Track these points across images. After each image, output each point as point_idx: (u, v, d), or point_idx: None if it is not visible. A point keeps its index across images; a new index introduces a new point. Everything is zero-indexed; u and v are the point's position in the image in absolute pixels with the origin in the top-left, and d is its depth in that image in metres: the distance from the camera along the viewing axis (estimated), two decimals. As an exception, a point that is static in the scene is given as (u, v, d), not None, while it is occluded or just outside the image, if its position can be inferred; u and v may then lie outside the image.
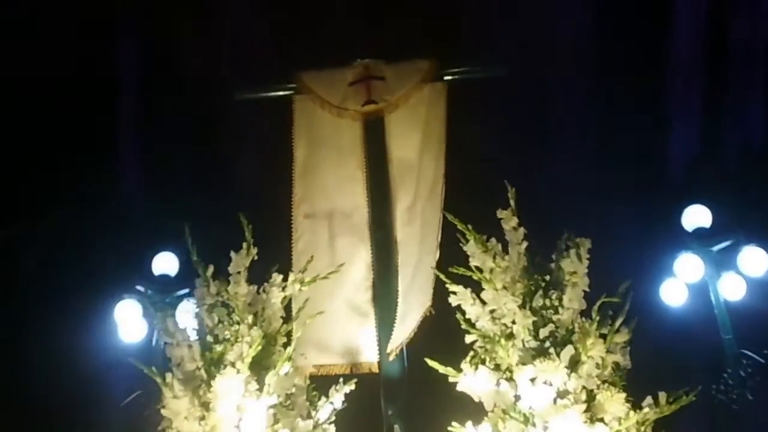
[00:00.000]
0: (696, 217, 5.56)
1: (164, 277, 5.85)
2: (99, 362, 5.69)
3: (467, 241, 4.30)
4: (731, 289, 5.29)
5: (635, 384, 4.09)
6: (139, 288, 5.75)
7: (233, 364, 4.06)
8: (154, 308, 5.50)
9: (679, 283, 5.47)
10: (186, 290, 5.63)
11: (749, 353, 5.03)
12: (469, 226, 4.29)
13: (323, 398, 4.28)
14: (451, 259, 4.59)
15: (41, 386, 5.81)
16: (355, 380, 4.33)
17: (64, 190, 6.29)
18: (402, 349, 4.84)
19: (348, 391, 4.29)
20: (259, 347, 4.11)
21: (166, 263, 5.91)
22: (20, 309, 5.95)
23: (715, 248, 5.41)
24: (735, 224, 5.43)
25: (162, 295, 5.70)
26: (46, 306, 6.00)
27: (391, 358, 4.79)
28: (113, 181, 6.61)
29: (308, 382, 4.38)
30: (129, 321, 5.65)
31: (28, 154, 6.28)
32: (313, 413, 4.24)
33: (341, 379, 4.34)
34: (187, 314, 4.64)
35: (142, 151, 6.78)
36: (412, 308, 4.87)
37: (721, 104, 6.40)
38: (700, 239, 5.45)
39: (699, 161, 6.34)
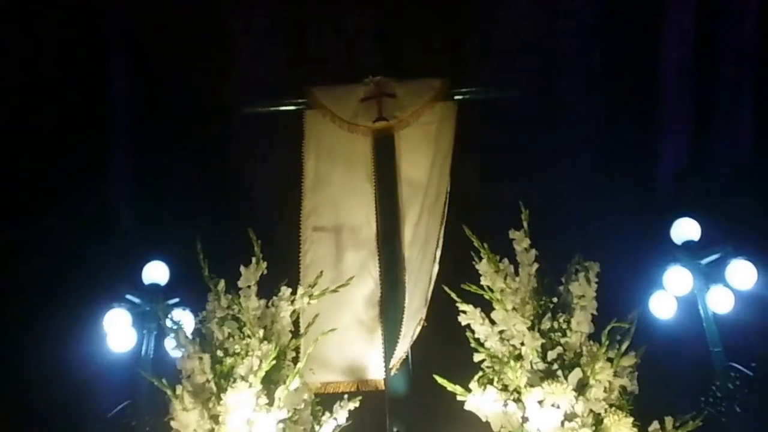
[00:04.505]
0: (685, 230, 5.58)
1: (154, 286, 5.79)
2: (88, 372, 5.66)
3: (480, 258, 4.34)
4: (720, 302, 5.31)
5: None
6: (129, 297, 5.71)
7: (244, 378, 4.08)
8: (143, 317, 5.52)
9: (668, 295, 5.49)
10: (176, 299, 5.60)
11: (737, 366, 5.05)
12: (485, 245, 4.32)
13: (327, 414, 4.30)
14: (452, 273, 4.64)
15: (29, 395, 5.76)
16: (360, 397, 4.34)
17: (54, 200, 6.27)
18: (408, 366, 4.86)
19: (352, 408, 4.29)
20: (273, 362, 4.14)
21: (156, 272, 5.85)
22: (9, 317, 5.91)
23: (704, 261, 5.43)
24: (724, 237, 5.46)
25: (152, 304, 5.66)
26: (34, 315, 5.95)
27: (393, 372, 4.80)
28: (103, 191, 6.58)
29: (313, 397, 4.40)
30: (118, 330, 5.61)
31: (18, 164, 6.25)
32: (317, 428, 4.26)
33: (346, 396, 4.35)
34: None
35: (132, 161, 6.77)
36: (412, 322, 4.90)
37: (710, 119, 6.47)
38: (689, 252, 5.47)
39: (688, 175, 6.39)
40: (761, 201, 6.00)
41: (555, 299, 4.20)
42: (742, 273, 5.36)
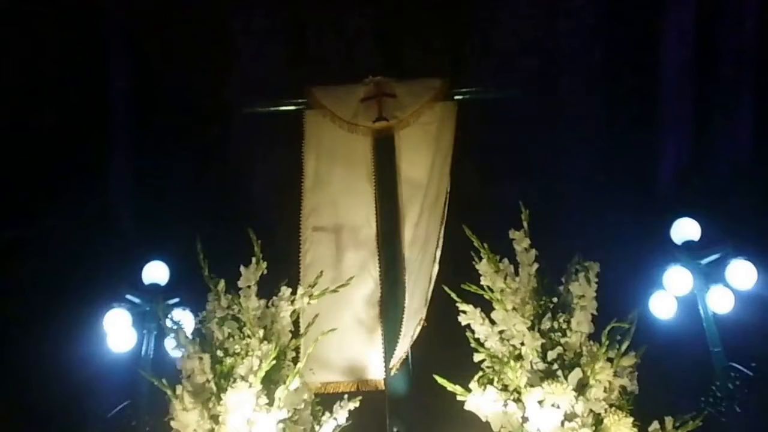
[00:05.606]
0: (685, 230, 5.59)
1: (154, 286, 5.78)
2: (88, 372, 5.66)
3: (480, 258, 4.34)
4: (720, 302, 5.32)
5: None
6: (129, 297, 5.70)
7: (244, 378, 4.08)
8: (143, 317, 5.52)
9: (668, 295, 5.49)
10: (176, 299, 5.60)
11: (737, 366, 5.05)
12: (485, 245, 4.32)
13: (327, 414, 4.30)
14: (452, 273, 4.63)
15: (29, 395, 5.76)
16: (360, 397, 4.34)
17: (54, 200, 6.27)
18: (408, 366, 4.86)
19: (352, 408, 4.29)
20: (273, 362, 4.14)
21: (156, 272, 5.84)
22: (9, 317, 5.90)
23: (704, 261, 5.44)
24: (723, 237, 5.46)
25: (152, 304, 5.65)
26: (34, 315, 5.95)
27: (393, 372, 4.80)
28: (103, 191, 6.58)
29: (313, 397, 4.40)
30: (118, 330, 5.60)
31: (18, 164, 6.26)
32: (317, 428, 4.26)
33: (346, 396, 4.36)
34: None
35: (132, 161, 6.77)
36: (412, 322, 4.90)
37: (710, 119, 6.47)
38: (689, 252, 5.48)
39: (688, 175, 6.39)
40: (761, 201, 6.00)
41: (555, 299, 4.21)
42: (742, 273, 5.37)
